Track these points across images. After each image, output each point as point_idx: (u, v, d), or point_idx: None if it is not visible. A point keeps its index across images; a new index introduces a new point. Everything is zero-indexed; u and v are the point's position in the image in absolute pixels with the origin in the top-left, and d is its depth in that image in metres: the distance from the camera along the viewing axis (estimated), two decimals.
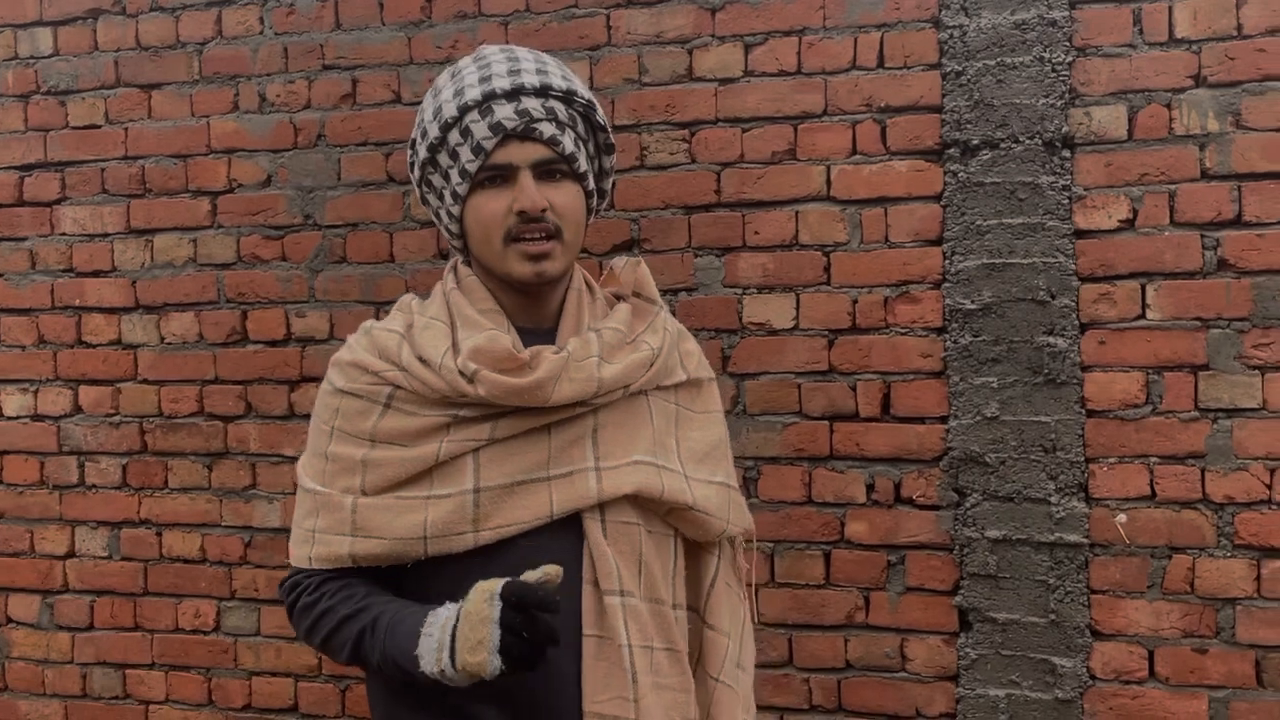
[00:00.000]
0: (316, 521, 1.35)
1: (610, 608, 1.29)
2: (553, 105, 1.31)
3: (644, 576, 1.34)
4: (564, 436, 1.32)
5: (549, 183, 1.32)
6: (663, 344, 1.40)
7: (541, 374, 1.28)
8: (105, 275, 2.98)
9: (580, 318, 1.40)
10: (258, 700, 2.87)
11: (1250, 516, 2.29)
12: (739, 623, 1.49)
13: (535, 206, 1.30)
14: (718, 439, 1.47)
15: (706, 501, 1.39)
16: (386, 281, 2.77)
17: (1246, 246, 2.30)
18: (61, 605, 3.02)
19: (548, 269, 1.33)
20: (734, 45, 2.57)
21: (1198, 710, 2.32)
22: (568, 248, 1.35)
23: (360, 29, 2.80)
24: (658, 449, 1.37)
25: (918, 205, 2.47)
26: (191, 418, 2.91)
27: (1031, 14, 2.40)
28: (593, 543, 1.31)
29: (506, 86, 1.30)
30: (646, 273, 1.48)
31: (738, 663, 1.47)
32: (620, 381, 1.34)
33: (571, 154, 1.33)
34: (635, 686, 1.28)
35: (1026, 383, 2.39)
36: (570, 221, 1.34)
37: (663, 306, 1.47)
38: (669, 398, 1.43)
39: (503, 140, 1.30)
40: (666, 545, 1.39)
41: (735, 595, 1.50)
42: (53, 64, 3.02)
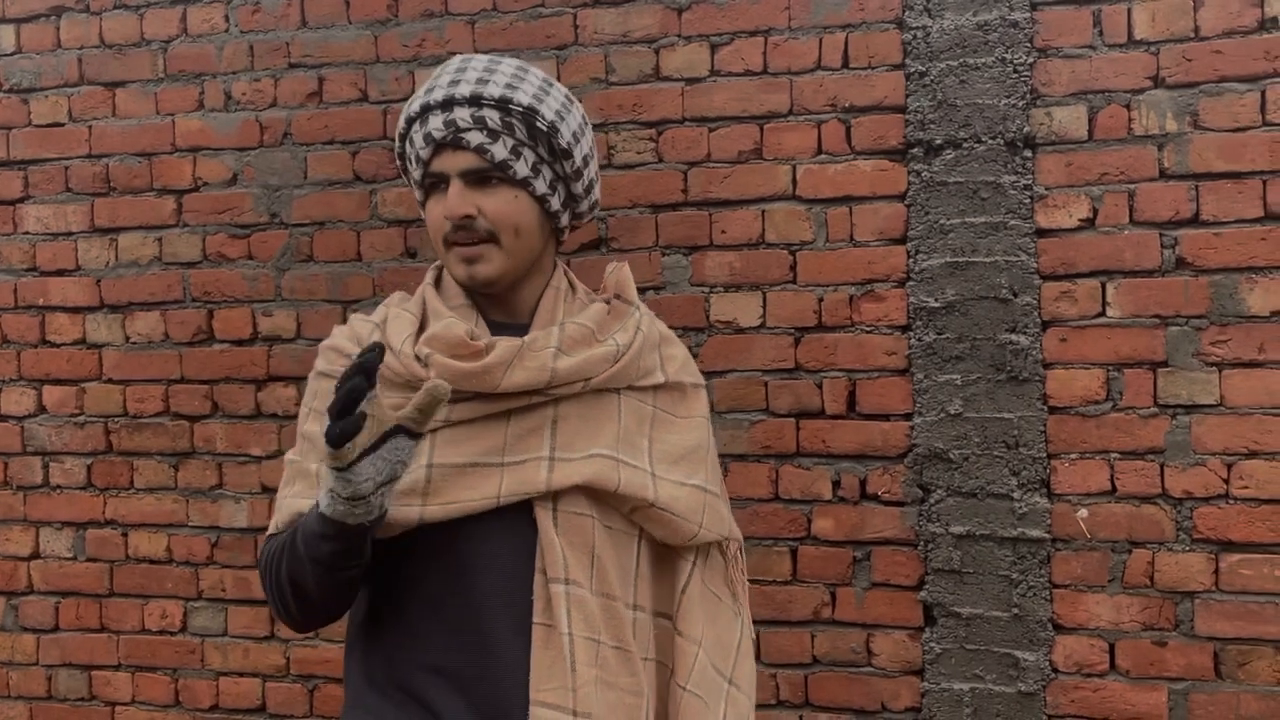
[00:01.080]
0: (291, 489, 1.41)
1: (554, 595, 1.31)
2: (484, 114, 1.34)
3: (595, 570, 1.35)
4: (522, 425, 1.35)
5: (482, 189, 1.35)
6: (631, 342, 1.41)
7: (491, 360, 1.32)
8: (69, 274, 2.96)
9: (555, 314, 1.43)
10: (225, 701, 2.86)
11: (1208, 511, 2.33)
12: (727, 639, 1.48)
13: (454, 213, 1.34)
14: (697, 443, 1.47)
15: (674, 501, 1.39)
16: (354, 280, 2.77)
17: (1204, 245, 2.34)
18: (26, 606, 2.99)
19: (479, 271, 1.37)
20: (700, 45, 2.59)
21: (1157, 702, 2.35)
22: (507, 251, 1.37)
23: (326, 27, 2.79)
24: (622, 445, 1.38)
25: (882, 204, 2.49)
26: (157, 417, 2.90)
27: (993, 15, 2.42)
28: (541, 531, 1.33)
29: (440, 98, 1.35)
30: (628, 275, 1.51)
31: (728, 678, 1.45)
32: (577, 374, 1.36)
33: (503, 161, 1.35)
34: (573, 675, 1.30)
35: (989, 380, 2.42)
36: (505, 226, 1.36)
37: (640, 308, 1.48)
38: (645, 399, 1.44)
39: (436, 150, 1.36)
40: (628, 544, 1.40)
41: (725, 610, 1.49)
42: (15, 61, 2.99)
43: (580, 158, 1.42)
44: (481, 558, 1.34)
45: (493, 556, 1.34)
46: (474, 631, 1.33)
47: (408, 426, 1.16)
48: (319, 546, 1.24)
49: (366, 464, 1.15)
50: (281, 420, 2.80)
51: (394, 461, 1.17)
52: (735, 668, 1.47)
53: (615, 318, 1.45)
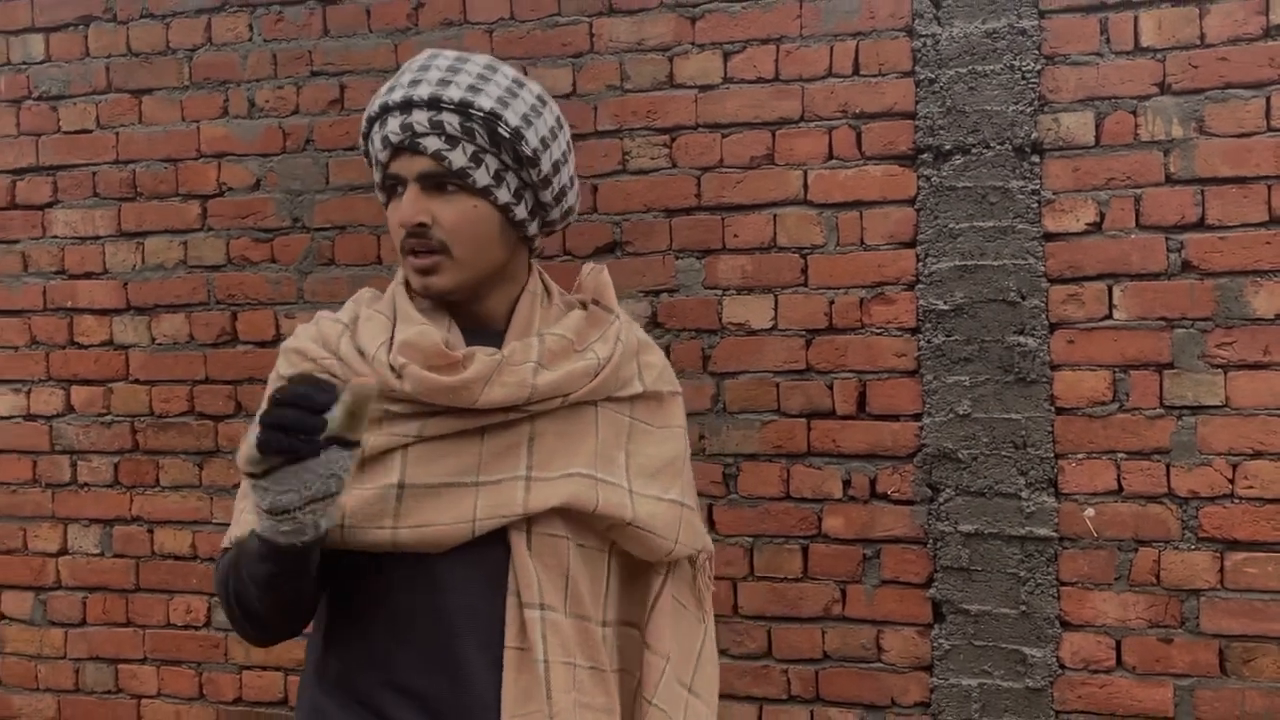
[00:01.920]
0: (247, 502, 1.30)
1: (529, 621, 1.27)
2: (443, 118, 1.26)
3: (570, 591, 1.30)
4: (498, 442, 1.29)
5: (438, 196, 1.28)
6: (612, 354, 1.35)
7: (470, 374, 1.25)
8: (97, 277, 3.03)
9: (531, 321, 1.37)
10: (248, 694, 2.93)
11: (1214, 510, 2.37)
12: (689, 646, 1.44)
13: (407, 220, 1.28)
14: (673, 455, 1.41)
15: (651, 519, 1.34)
16: (374, 283, 2.80)
17: (1209, 249, 2.38)
18: (54, 601, 3.07)
19: (433, 283, 1.30)
20: (713, 53, 2.64)
21: (1163, 698, 2.39)
22: (460, 264, 1.29)
23: (348, 36, 2.86)
24: (600, 462, 1.32)
25: (892, 209, 2.54)
26: (182, 417, 2.97)
27: (1002, 23, 2.46)
28: (515, 554, 1.28)
29: (398, 99, 1.27)
30: (607, 280, 1.44)
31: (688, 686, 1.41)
32: (557, 390, 1.30)
33: (462, 169, 1.27)
34: (550, 702, 1.26)
35: (997, 381, 2.46)
36: (460, 238, 1.28)
37: (619, 316, 1.41)
38: (622, 410, 1.38)
39: (394, 153, 1.29)
40: (599, 561, 1.35)
41: (689, 618, 1.45)
42: (45, 69, 3.07)
43: (549, 164, 1.32)
44: (453, 578, 1.28)
45: (465, 578, 1.28)
46: (444, 653, 1.28)
47: (340, 436, 1.08)
48: (256, 567, 1.18)
49: (288, 475, 1.07)
50: None
51: (325, 475, 1.08)
52: (695, 675, 1.43)
53: (594, 325, 1.38)
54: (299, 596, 1.23)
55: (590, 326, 1.38)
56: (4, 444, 3.10)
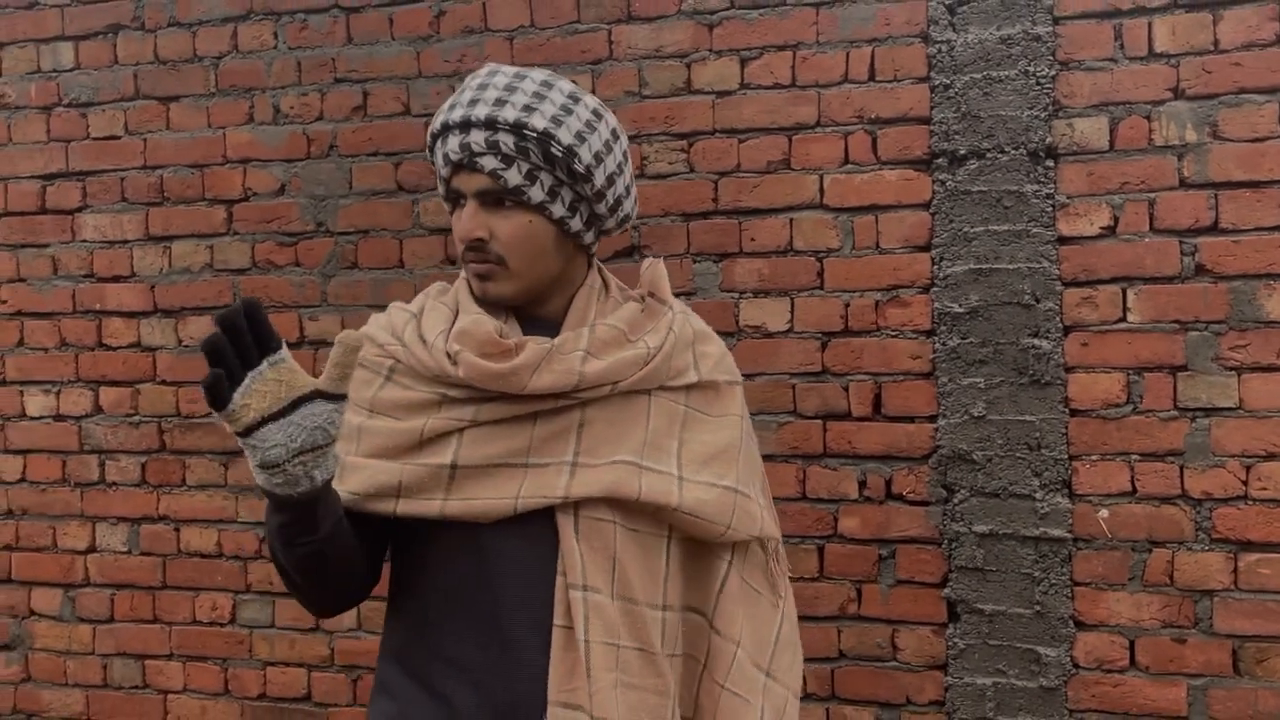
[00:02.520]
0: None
1: (573, 601, 1.31)
2: (498, 138, 1.32)
3: (616, 574, 1.34)
4: (548, 427, 1.34)
5: (496, 211, 1.35)
6: (663, 344, 1.40)
7: (519, 361, 1.31)
8: (125, 280, 3.09)
9: (587, 314, 1.42)
10: (272, 690, 2.98)
11: (1227, 511, 2.39)
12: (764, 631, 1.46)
13: (466, 236, 1.35)
14: (729, 442, 1.44)
15: (700, 505, 1.37)
16: (396, 286, 2.88)
17: (1223, 252, 2.39)
18: (83, 598, 3.13)
19: (491, 290, 1.37)
20: (731, 59, 2.67)
21: (1177, 698, 2.41)
22: (515, 275, 1.36)
23: (371, 43, 2.90)
24: (649, 450, 1.37)
25: (907, 213, 2.57)
26: (208, 418, 3.02)
27: (1017, 29, 2.49)
28: (561, 537, 1.33)
29: (458, 118, 1.34)
30: (663, 273, 1.50)
31: (765, 670, 1.44)
32: (605, 378, 1.35)
33: (517, 186, 1.33)
34: (589, 680, 1.30)
35: (1012, 383, 2.49)
36: (516, 251, 1.35)
37: (673, 307, 1.47)
38: (677, 399, 1.42)
39: (455, 169, 1.36)
40: (656, 546, 1.38)
41: (763, 603, 1.48)
42: (74, 77, 3.13)
43: (603, 178, 1.38)
44: (503, 557, 1.34)
45: (515, 558, 1.34)
46: (493, 628, 1.33)
47: (324, 389, 1.13)
48: (270, 520, 1.23)
49: (273, 430, 1.11)
50: None
51: (311, 428, 1.12)
52: (773, 660, 1.46)
53: (649, 317, 1.44)
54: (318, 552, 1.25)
55: (645, 318, 1.44)
56: (34, 444, 3.16)
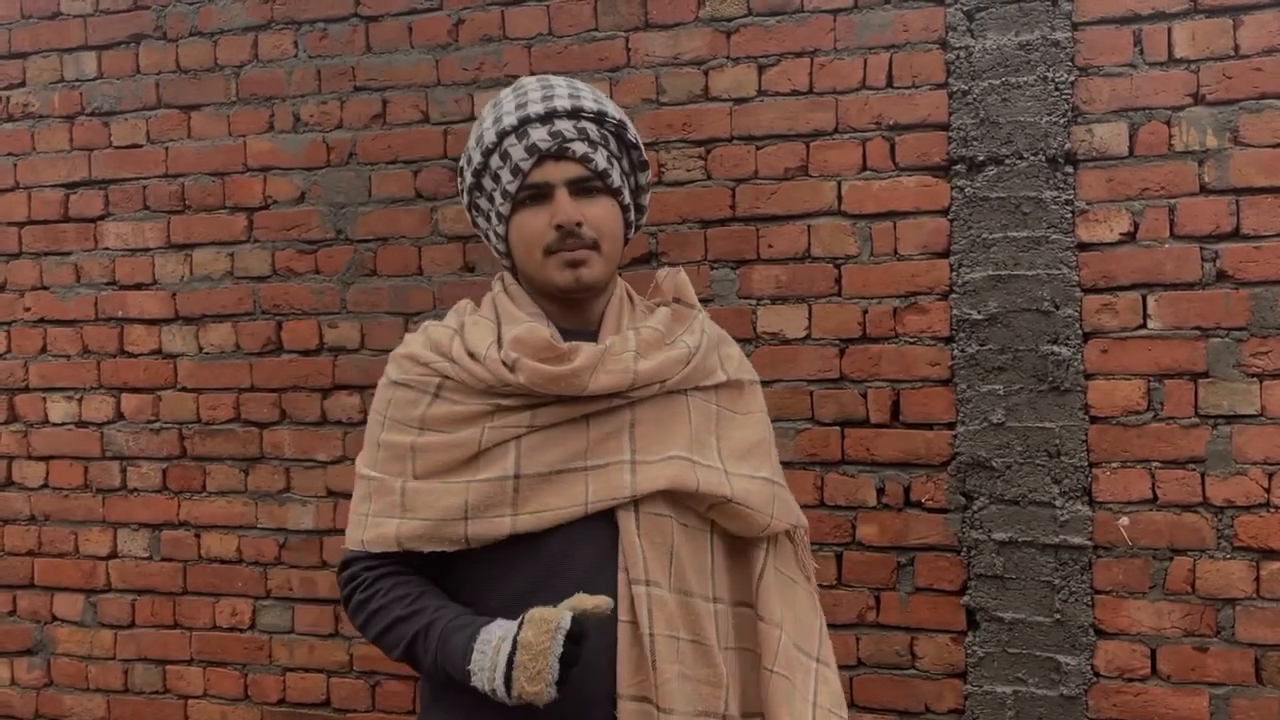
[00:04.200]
0: (370, 506, 1.42)
1: (636, 596, 1.35)
2: (585, 126, 1.40)
3: (674, 568, 1.38)
4: (602, 429, 1.39)
5: (585, 198, 1.41)
6: (700, 344, 1.46)
7: (579, 363, 1.36)
8: (146, 288, 3.12)
9: (620, 321, 1.48)
10: (292, 695, 2.99)
11: (1249, 519, 2.37)
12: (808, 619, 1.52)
13: (570, 220, 1.39)
14: (760, 438, 1.51)
15: (747, 495, 1.42)
16: (415, 293, 2.89)
17: (1244, 258, 2.38)
18: (104, 604, 3.15)
19: (585, 275, 1.41)
20: (748, 66, 2.68)
21: (1199, 707, 2.39)
22: (605, 258, 1.43)
23: (390, 52, 2.92)
24: (695, 445, 1.42)
25: (925, 219, 2.57)
26: (229, 424, 3.04)
27: (1035, 35, 2.48)
28: (623, 533, 1.37)
29: (540, 110, 1.39)
30: (686, 280, 1.55)
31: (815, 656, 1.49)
32: (656, 376, 1.40)
33: (605, 170, 1.41)
34: (655, 672, 1.34)
35: (1031, 390, 2.48)
36: (607, 234, 1.42)
37: (701, 311, 1.53)
38: (709, 398, 1.47)
39: (539, 160, 1.39)
40: (702, 540, 1.43)
41: (798, 589, 1.53)
42: (97, 86, 3.16)
43: (648, 173, 1.51)
44: (566, 559, 1.37)
45: (577, 558, 1.37)
46: None
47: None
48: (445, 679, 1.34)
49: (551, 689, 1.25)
50: (346, 427, 2.93)
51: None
52: (821, 647, 1.51)
53: (679, 321, 1.50)
54: None
55: (676, 322, 1.49)
56: (56, 450, 3.19)
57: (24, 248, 3.22)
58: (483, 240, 1.56)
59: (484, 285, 2.73)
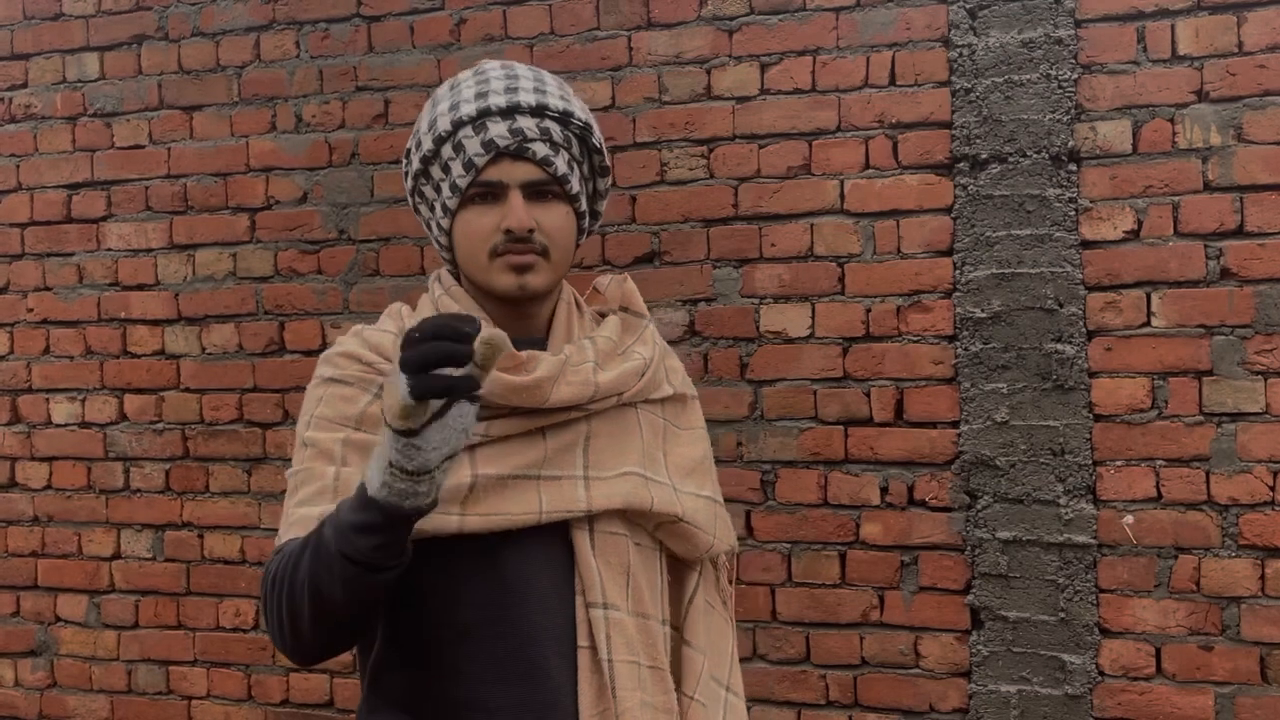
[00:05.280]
0: (298, 497, 1.28)
1: (594, 620, 1.29)
2: (548, 125, 1.29)
3: (631, 590, 1.32)
4: (558, 441, 1.31)
5: (539, 203, 1.30)
6: (653, 355, 1.40)
7: (541, 374, 1.27)
8: (149, 289, 3.12)
9: (570, 328, 1.40)
10: (295, 696, 2.99)
11: (1254, 518, 2.36)
12: (722, 646, 1.46)
13: (522, 226, 1.27)
14: (703, 455, 1.46)
15: (695, 514, 1.38)
16: (418, 293, 2.86)
17: (1249, 256, 2.38)
18: (108, 604, 3.15)
19: (530, 281, 1.31)
20: (750, 65, 2.67)
21: (1204, 705, 2.39)
22: (553, 266, 1.33)
23: (392, 52, 2.92)
24: (646, 461, 1.36)
25: (929, 217, 2.56)
26: (231, 424, 3.04)
27: (1038, 33, 2.48)
28: (578, 553, 1.30)
29: (502, 104, 1.28)
30: (633, 288, 1.47)
31: (725, 685, 1.44)
32: (615, 388, 1.33)
33: (564, 175, 1.30)
34: (616, 701, 1.27)
35: (1035, 388, 2.48)
36: (557, 242, 1.32)
37: (650, 320, 1.45)
38: (656, 411, 1.42)
39: (495, 158, 1.28)
40: (653, 560, 1.38)
41: (718, 616, 1.48)
42: (99, 87, 3.16)
43: (609, 178, 1.40)
44: (521, 582, 1.29)
45: (532, 581, 1.29)
46: (521, 661, 1.28)
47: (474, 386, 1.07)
48: (357, 541, 1.10)
49: (434, 432, 1.04)
50: None
51: (458, 430, 1.05)
52: (731, 675, 1.45)
53: (629, 331, 1.42)
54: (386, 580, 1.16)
55: (626, 332, 1.42)
56: (60, 451, 3.19)
57: (27, 249, 3.22)
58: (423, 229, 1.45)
59: None
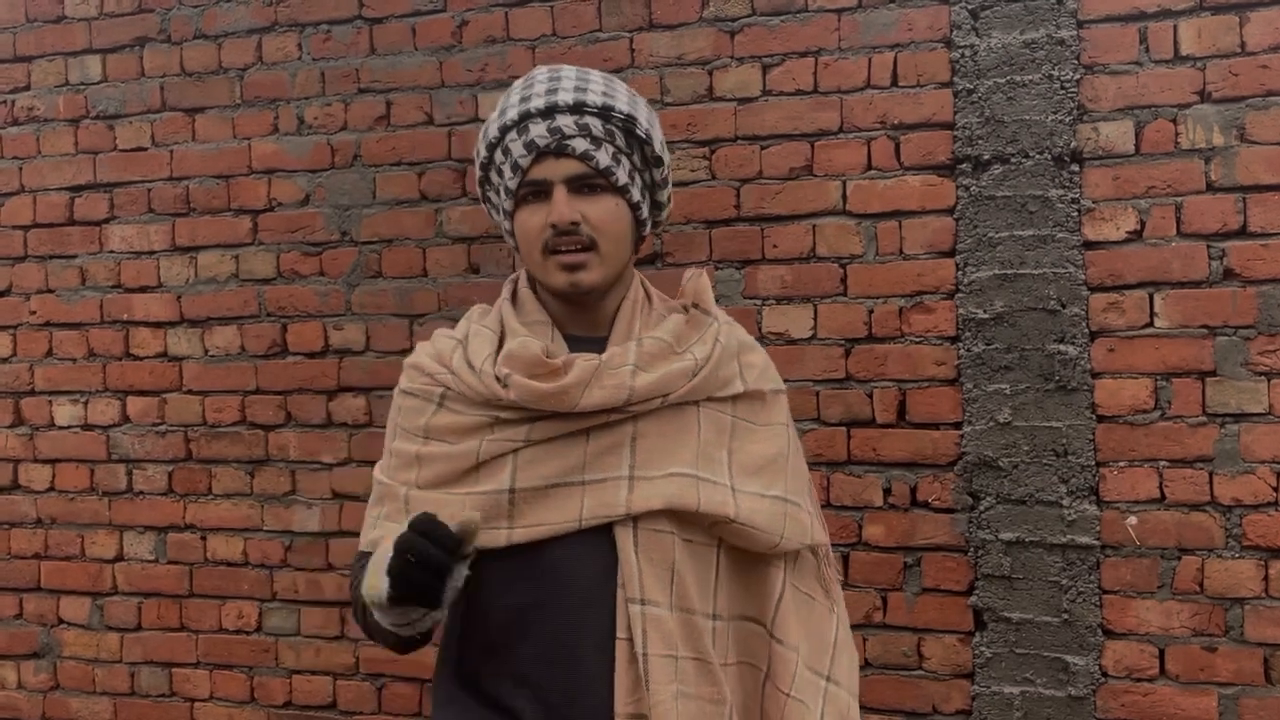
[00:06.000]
0: (380, 510, 1.44)
1: (632, 615, 1.33)
2: (587, 121, 1.34)
3: (675, 585, 1.36)
4: (601, 443, 1.36)
5: (585, 196, 1.36)
6: (710, 355, 1.41)
7: (569, 380, 1.33)
8: (152, 291, 3.12)
9: (632, 326, 1.43)
10: (298, 698, 2.99)
11: (1257, 518, 2.36)
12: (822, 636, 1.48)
13: (563, 219, 1.34)
14: (778, 452, 1.46)
15: (753, 515, 1.38)
16: (420, 295, 2.89)
17: (1252, 256, 2.37)
18: (111, 607, 3.15)
19: (582, 279, 1.37)
20: (752, 66, 2.67)
21: (1207, 707, 2.38)
22: (605, 259, 1.38)
23: (394, 54, 2.92)
24: (702, 461, 1.38)
25: (931, 218, 2.56)
26: (234, 427, 3.04)
27: (1040, 33, 2.48)
28: (620, 551, 1.34)
29: (541, 105, 1.35)
30: (706, 284, 1.49)
31: (825, 675, 1.45)
32: (656, 390, 1.36)
33: (607, 168, 1.35)
34: (650, 694, 1.31)
35: (1038, 389, 2.47)
36: (607, 234, 1.37)
37: (718, 318, 1.47)
38: (724, 409, 1.43)
39: (538, 157, 1.35)
40: (707, 556, 1.39)
41: (818, 609, 1.50)
42: (101, 89, 3.16)
43: (667, 167, 1.44)
44: (565, 575, 1.35)
45: (576, 574, 1.35)
46: (558, 646, 1.35)
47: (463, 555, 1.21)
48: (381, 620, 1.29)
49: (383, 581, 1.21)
50: (351, 429, 2.93)
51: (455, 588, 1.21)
52: (833, 664, 1.47)
53: (693, 328, 1.44)
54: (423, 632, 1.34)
55: (690, 329, 1.44)
56: (63, 453, 3.19)
57: (29, 251, 3.23)
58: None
59: (489, 287, 2.74)
